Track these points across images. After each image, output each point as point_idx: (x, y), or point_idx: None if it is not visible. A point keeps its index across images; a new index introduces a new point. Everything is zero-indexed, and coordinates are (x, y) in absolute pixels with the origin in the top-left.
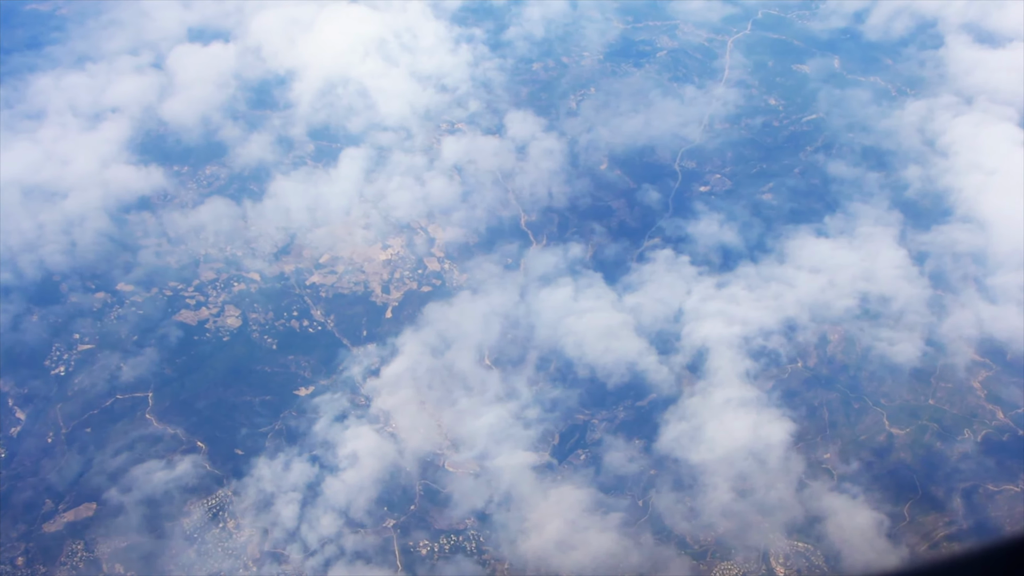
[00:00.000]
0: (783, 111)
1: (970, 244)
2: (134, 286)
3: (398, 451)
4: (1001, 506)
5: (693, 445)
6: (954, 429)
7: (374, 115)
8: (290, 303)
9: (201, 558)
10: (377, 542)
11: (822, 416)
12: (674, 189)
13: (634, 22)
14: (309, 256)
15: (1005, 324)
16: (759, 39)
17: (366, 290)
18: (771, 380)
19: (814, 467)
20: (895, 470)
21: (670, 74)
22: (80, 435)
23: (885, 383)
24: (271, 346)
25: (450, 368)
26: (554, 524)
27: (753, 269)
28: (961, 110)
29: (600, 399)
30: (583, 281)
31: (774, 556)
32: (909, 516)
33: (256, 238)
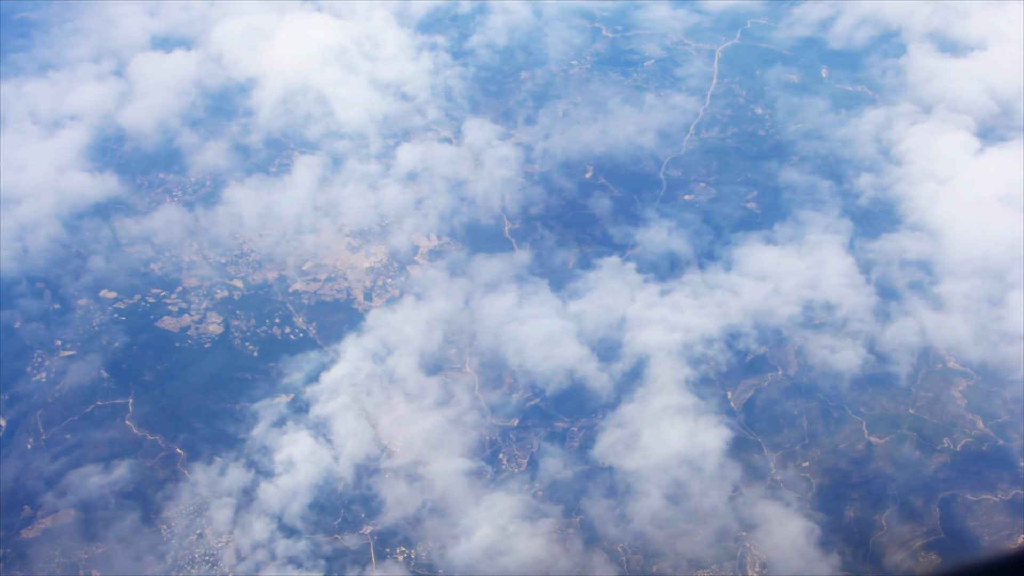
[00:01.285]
0: (739, 119)
1: (918, 252)
2: (117, 293)
3: (333, 457)
4: (979, 516)
5: (628, 452)
6: (934, 438)
7: (332, 123)
8: (272, 310)
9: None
10: (308, 547)
11: (801, 425)
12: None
13: (597, 31)
14: (293, 264)
15: (949, 332)
16: (724, 47)
17: (348, 297)
18: (713, 386)
19: (794, 475)
20: (873, 479)
21: (631, 82)
22: (60, 441)
23: (865, 392)
24: (252, 353)
25: (391, 374)
26: (483, 530)
27: (699, 276)
28: (919, 119)
29: (539, 405)
30: (528, 288)
31: (750, 564)
32: (886, 525)
33: (238, 245)
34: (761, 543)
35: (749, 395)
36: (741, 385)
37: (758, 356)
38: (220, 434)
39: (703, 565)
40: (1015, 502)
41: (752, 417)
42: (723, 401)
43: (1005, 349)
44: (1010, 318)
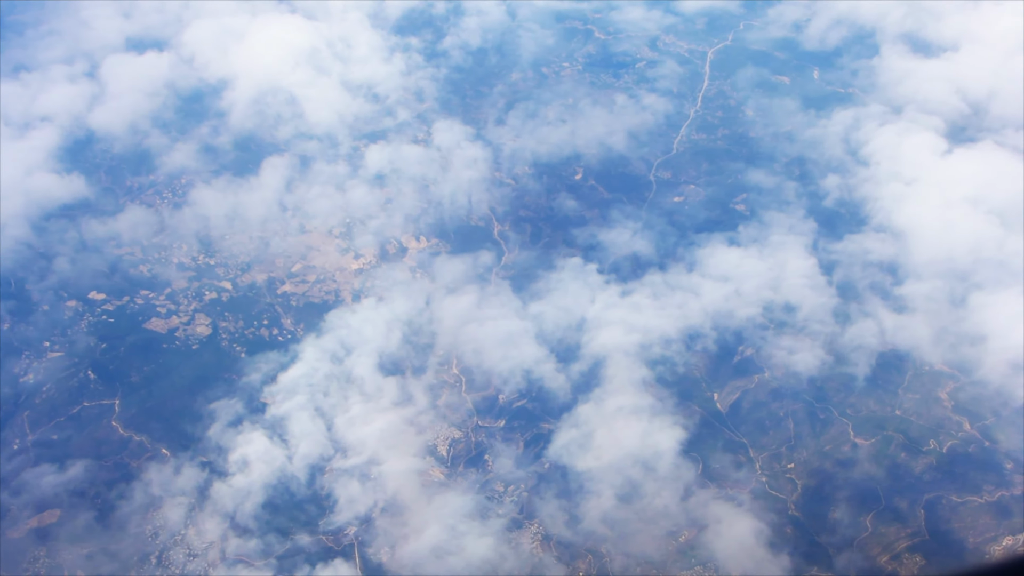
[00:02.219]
0: (710, 119)
1: (882, 253)
2: (106, 294)
3: (287, 457)
4: (964, 518)
5: (582, 452)
6: (920, 440)
7: (302, 124)
8: (261, 312)
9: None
10: (259, 547)
11: (787, 427)
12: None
13: (571, 31)
14: (281, 265)
15: (909, 334)
16: (697, 48)
17: (337, 299)
18: (671, 387)
19: (779, 477)
20: (859, 480)
21: (602, 83)
22: (46, 442)
23: (852, 394)
24: (240, 354)
25: (348, 374)
26: (432, 530)
27: (660, 277)
28: (888, 119)
29: (495, 406)
30: (490, 289)
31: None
32: (871, 527)
33: (228, 247)
34: (711, 543)
35: (735, 397)
36: (727, 387)
37: (745, 358)
38: (205, 435)
39: (653, 565)
40: (1000, 504)
41: (738, 419)
42: (680, 402)
43: (965, 350)
44: (971, 319)
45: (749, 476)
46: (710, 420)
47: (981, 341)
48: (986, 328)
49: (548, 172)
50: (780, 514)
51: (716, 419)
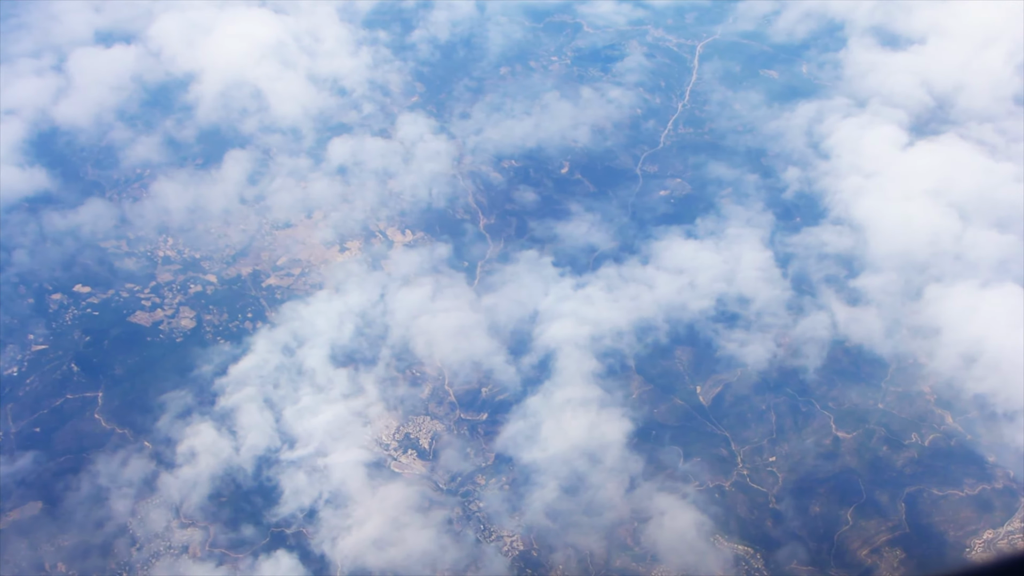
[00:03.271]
0: (673, 112)
1: (838, 246)
2: (91, 288)
3: (234, 448)
4: (945, 511)
5: (528, 444)
6: (902, 433)
7: (266, 117)
8: (245, 305)
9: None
10: (204, 537)
11: (769, 420)
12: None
13: (541, 24)
14: (267, 258)
15: (862, 326)
16: (663, 43)
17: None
18: (620, 379)
19: (761, 470)
20: (840, 474)
21: (570, 76)
22: (29, 434)
23: (835, 387)
24: (223, 347)
25: (299, 366)
26: (374, 521)
27: (615, 270)
28: (852, 112)
29: (444, 398)
30: (444, 281)
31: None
32: (852, 520)
33: (214, 240)
34: (652, 535)
35: (718, 390)
36: (710, 380)
37: (727, 351)
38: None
39: (594, 556)
40: (981, 497)
41: (720, 412)
42: (628, 393)
43: (918, 343)
44: (925, 312)
45: (729, 469)
46: (692, 413)
47: (935, 334)
48: (940, 321)
49: (507, 165)
50: (761, 507)
51: (699, 412)
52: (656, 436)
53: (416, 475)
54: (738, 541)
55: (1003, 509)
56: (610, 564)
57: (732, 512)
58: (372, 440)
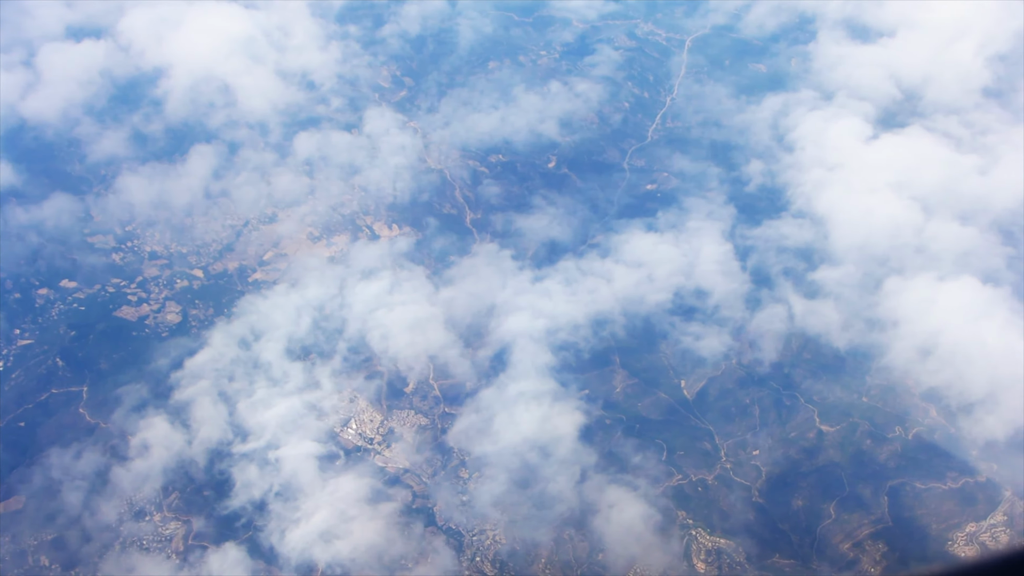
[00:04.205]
0: (641, 106)
1: (798, 239)
2: (78, 283)
3: (187, 441)
4: (928, 504)
5: (480, 437)
6: (885, 427)
7: (234, 112)
8: (231, 299)
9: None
10: (153, 529)
11: (753, 413)
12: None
13: (512, 19)
14: (253, 254)
15: (819, 319)
16: (635, 37)
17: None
18: (574, 372)
19: (744, 464)
20: (823, 467)
21: (539, 69)
22: (13, 429)
23: (819, 380)
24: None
25: (255, 360)
26: (322, 514)
27: (574, 263)
28: (818, 105)
29: (399, 391)
30: (403, 274)
31: (695, 553)
32: (835, 514)
33: (201, 235)
34: (600, 528)
35: (702, 384)
36: (694, 374)
37: (711, 345)
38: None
39: (541, 548)
40: (964, 491)
41: (704, 406)
42: (584, 386)
43: (875, 336)
44: (883, 304)
45: (713, 463)
46: (676, 407)
47: (892, 326)
48: (898, 313)
49: (473, 158)
50: (744, 501)
51: (683, 406)
52: (640, 430)
53: (367, 468)
54: (720, 534)
55: (986, 502)
56: (558, 556)
57: (714, 505)
58: (325, 433)
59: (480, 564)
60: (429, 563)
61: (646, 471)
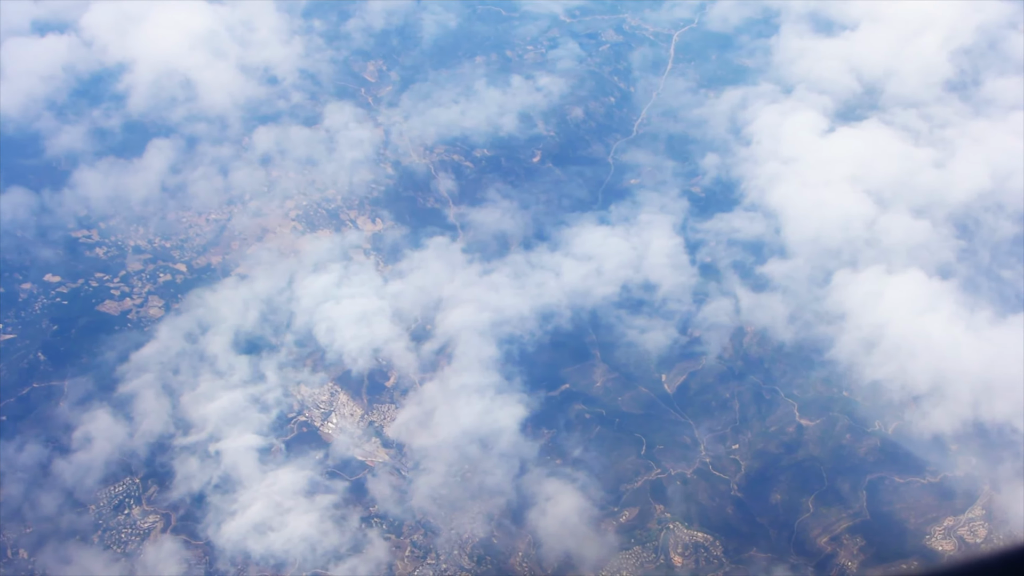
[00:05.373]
0: (600, 99)
1: (749, 233)
2: (60, 277)
3: (128, 434)
4: (906, 498)
5: (420, 430)
6: (865, 421)
7: (194, 107)
8: None
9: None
10: (92, 521)
11: (733, 408)
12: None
13: (474, 13)
14: (237, 248)
15: (765, 312)
16: (599, 31)
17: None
18: (519, 365)
19: (723, 458)
20: (802, 462)
21: (499, 63)
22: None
23: (799, 375)
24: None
25: (201, 353)
26: (257, 506)
27: (523, 256)
28: (777, 98)
29: (344, 384)
30: (353, 267)
31: (672, 547)
32: (813, 508)
33: (186, 229)
34: (535, 520)
35: (683, 378)
36: (675, 368)
37: (693, 339)
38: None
39: (475, 541)
40: (943, 485)
41: (685, 400)
42: (529, 379)
43: (822, 329)
44: (832, 298)
45: (693, 456)
46: (656, 402)
47: (839, 319)
48: (845, 307)
49: (430, 153)
50: (722, 495)
51: (664, 401)
52: (620, 424)
53: (307, 460)
54: (698, 528)
55: (964, 496)
56: (492, 548)
57: (693, 499)
58: (267, 426)
59: (458, 558)
60: (363, 555)
61: (587, 463)
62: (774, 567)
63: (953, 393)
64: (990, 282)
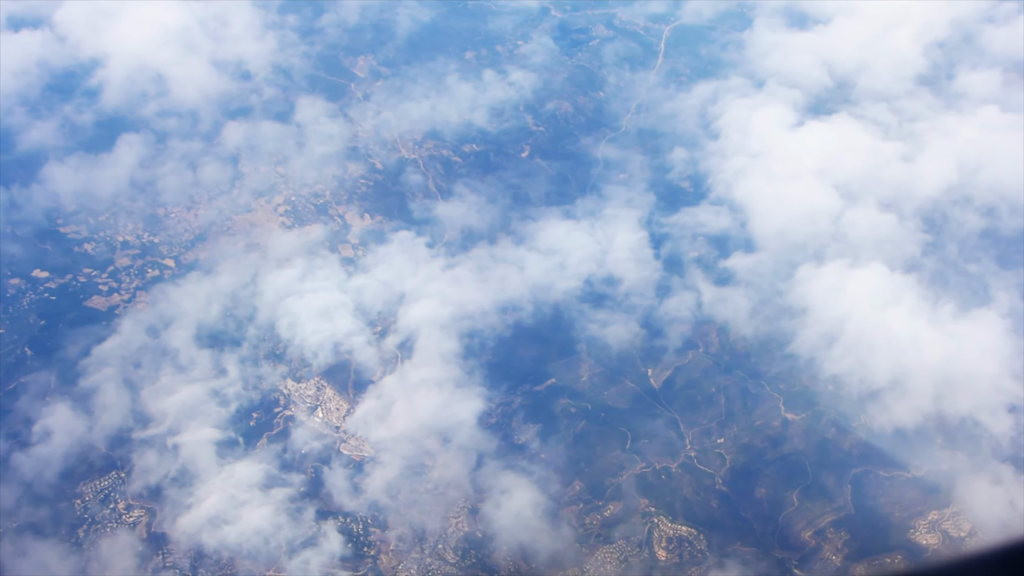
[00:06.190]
0: (572, 95)
1: (713, 227)
2: (49, 273)
3: (88, 427)
4: (890, 492)
5: (378, 423)
6: (850, 415)
7: (166, 102)
8: None
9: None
10: (50, 515)
11: (719, 402)
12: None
13: (446, 8)
14: (226, 243)
15: (727, 306)
16: (572, 24)
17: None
18: (479, 358)
19: (709, 452)
20: (787, 455)
21: (472, 59)
22: None
23: (785, 369)
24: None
25: (163, 347)
26: (212, 500)
27: (487, 251)
28: (748, 92)
29: (305, 378)
30: (317, 262)
31: (657, 540)
32: (797, 502)
33: (174, 224)
34: (489, 514)
35: (668, 373)
36: (661, 363)
37: (679, 334)
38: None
39: (429, 534)
40: (927, 479)
41: (671, 395)
42: (488, 372)
43: (784, 323)
44: (794, 292)
45: (678, 450)
46: (642, 396)
47: (801, 313)
48: (807, 301)
49: (397, 147)
50: (707, 489)
51: (649, 395)
52: (605, 419)
53: (265, 454)
54: (682, 522)
55: (948, 491)
56: (446, 541)
57: (677, 493)
58: (227, 419)
59: (442, 552)
60: (317, 548)
61: (541, 456)
62: (758, 561)
63: (914, 387)
64: (957, 276)
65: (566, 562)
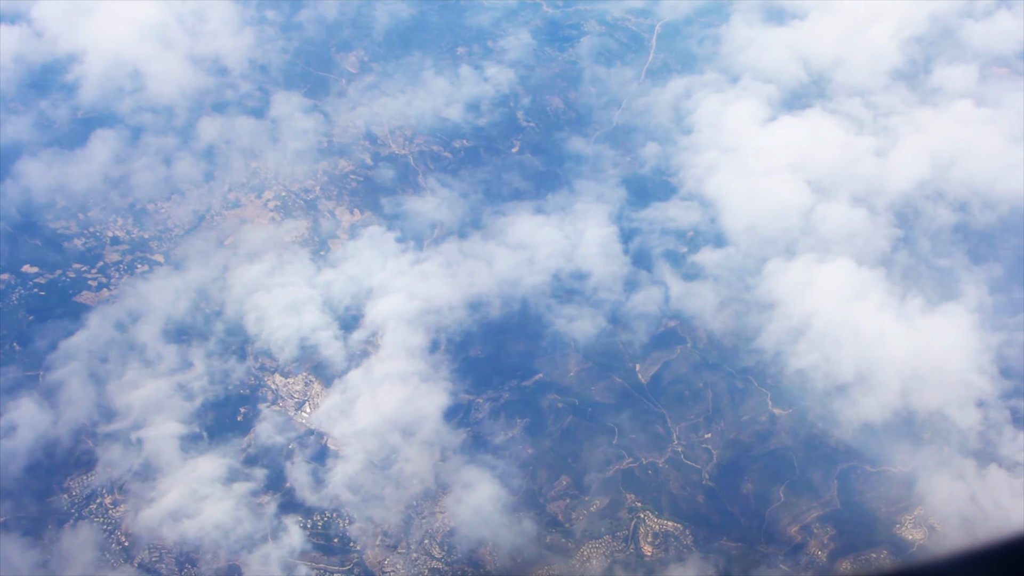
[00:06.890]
0: (548, 89)
1: (683, 222)
2: (39, 268)
3: (52, 421)
4: (877, 487)
5: (341, 418)
6: (838, 410)
7: (142, 98)
8: None
9: None
10: (12, 509)
11: (706, 397)
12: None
13: (426, 5)
14: (215, 238)
15: (695, 301)
16: (551, 19)
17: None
18: (445, 353)
19: (695, 447)
20: (775, 451)
21: (449, 54)
22: None
23: (771, 365)
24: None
25: (131, 341)
26: (173, 493)
27: (456, 245)
28: (722, 87)
29: (274, 372)
30: (287, 256)
31: (643, 536)
32: (784, 497)
33: (164, 219)
34: (450, 508)
35: (656, 368)
36: (649, 358)
37: (668, 329)
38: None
39: (390, 529)
40: (914, 474)
41: (658, 390)
42: (456, 367)
43: (751, 317)
44: (763, 286)
45: (665, 446)
46: (630, 391)
47: (769, 308)
48: (775, 295)
49: (373, 142)
50: (694, 484)
51: (637, 391)
52: (592, 414)
53: (228, 448)
54: (668, 517)
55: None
56: (408, 536)
57: (664, 489)
58: (192, 413)
59: (428, 547)
60: (278, 542)
61: (507, 451)
62: (744, 556)
63: (881, 382)
64: (927, 271)
65: (552, 557)
